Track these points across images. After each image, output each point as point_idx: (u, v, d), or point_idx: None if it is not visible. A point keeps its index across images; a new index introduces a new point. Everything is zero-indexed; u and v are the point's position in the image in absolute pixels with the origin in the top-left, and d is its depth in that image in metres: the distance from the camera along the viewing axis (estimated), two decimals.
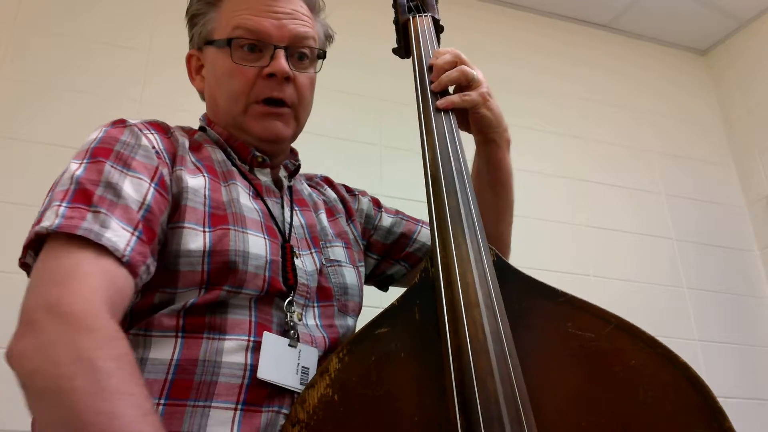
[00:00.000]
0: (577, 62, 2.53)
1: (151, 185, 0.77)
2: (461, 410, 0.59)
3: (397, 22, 1.14)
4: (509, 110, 1.03)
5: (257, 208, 0.87)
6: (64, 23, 1.86)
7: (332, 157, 1.91)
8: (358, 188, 1.14)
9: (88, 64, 1.83)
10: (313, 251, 0.91)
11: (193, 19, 0.98)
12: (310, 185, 1.07)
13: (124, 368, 0.59)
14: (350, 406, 0.64)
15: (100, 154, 0.77)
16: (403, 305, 0.70)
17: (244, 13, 0.91)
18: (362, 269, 1.01)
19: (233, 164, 0.92)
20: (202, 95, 1.01)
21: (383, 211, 1.12)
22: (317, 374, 0.66)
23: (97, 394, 0.56)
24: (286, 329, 0.80)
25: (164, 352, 0.73)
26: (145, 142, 0.81)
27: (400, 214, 1.13)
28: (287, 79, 0.91)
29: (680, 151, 2.51)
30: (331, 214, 1.03)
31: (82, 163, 0.76)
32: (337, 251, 0.95)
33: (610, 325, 0.67)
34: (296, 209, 0.96)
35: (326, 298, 0.89)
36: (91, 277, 0.65)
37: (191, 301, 0.75)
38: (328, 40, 1.04)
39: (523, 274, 0.74)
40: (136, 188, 0.75)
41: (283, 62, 0.90)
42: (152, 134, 0.84)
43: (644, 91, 2.58)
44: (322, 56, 0.98)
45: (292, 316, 0.81)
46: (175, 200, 0.80)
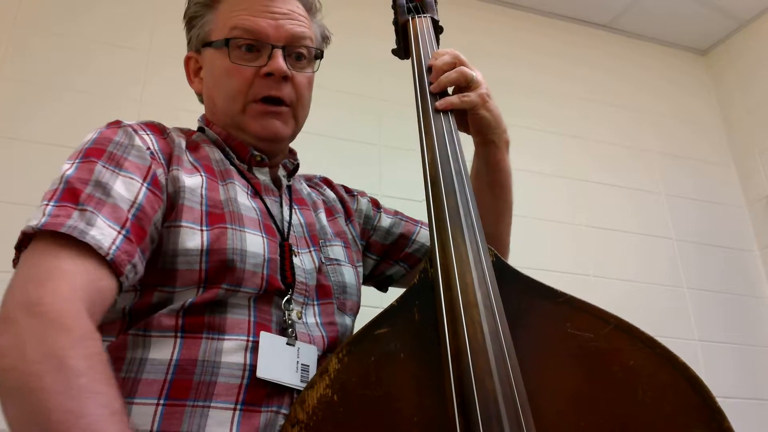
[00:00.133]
0: (577, 62, 2.52)
1: (143, 185, 0.77)
2: (460, 410, 0.59)
3: (396, 23, 1.14)
4: (509, 110, 1.03)
5: (255, 206, 0.87)
6: (64, 23, 1.86)
7: (332, 157, 1.91)
8: (357, 189, 1.14)
9: (88, 64, 1.82)
10: (312, 250, 0.91)
11: (190, 21, 0.98)
12: (309, 185, 1.07)
13: (94, 367, 0.59)
14: (350, 406, 0.64)
15: (92, 154, 0.77)
16: (402, 306, 0.71)
17: (241, 13, 0.91)
18: (360, 269, 1.01)
19: (231, 163, 0.92)
20: (200, 97, 1.01)
21: (382, 211, 1.12)
22: (317, 374, 0.66)
23: (65, 392, 0.56)
24: (284, 327, 0.80)
25: (164, 352, 0.73)
26: (138, 142, 0.81)
27: (399, 214, 1.13)
28: (285, 78, 0.91)
29: (680, 151, 2.51)
30: (330, 213, 1.04)
31: (73, 163, 0.76)
32: (336, 250, 0.96)
33: (609, 325, 0.67)
34: (295, 208, 0.96)
35: (326, 296, 0.89)
36: (71, 275, 0.65)
37: (190, 300, 0.75)
38: (325, 40, 1.04)
39: (522, 274, 0.74)
40: (127, 188, 0.75)
41: (280, 61, 0.90)
42: (147, 135, 0.84)
43: (644, 91, 2.58)
44: (319, 56, 0.99)
45: (290, 314, 0.81)
46: (171, 200, 0.80)
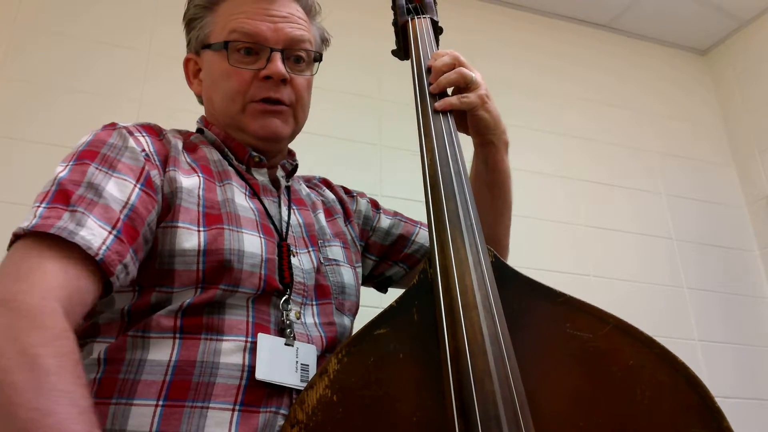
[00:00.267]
0: (577, 62, 2.52)
1: (136, 186, 0.77)
2: (459, 411, 0.59)
3: (396, 23, 1.14)
4: (509, 111, 1.03)
5: (253, 207, 0.87)
6: (64, 23, 1.86)
7: (332, 157, 1.91)
8: (356, 190, 1.14)
9: (88, 64, 1.82)
10: (310, 250, 0.91)
11: (190, 23, 0.99)
12: (308, 186, 1.07)
13: (65, 366, 0.59)
14: (349, 406, 0.64)
15: (86, 156, 0.77)
16: (401, 306, 0.71)
17: (240, 16, 0.91)
18: (359, 270, 1.01)
19: (230, 164, 0.92)
20: (200, 99, 1.02)
21: (381, 212, 1.12)
22: (316, 375, 0.66)
23: (34, 390, 0.56)
24: (282, 328, 0.80)
25: (162, 353, 0.73)
26: (132, 144, 0.81)
27: (398, 215, 1.13)
28: (284, 81, 0.91)
29: (680, 151, 2.51)
30: (329, 214, 1.04)
31: (67, 165, 0.76)
32: (335, 251, 0.96)
33: (608, 325, 0.67)
34: (294, 208, 0.96)
35: (324, 296, 0.89)
36: (51, 274, 0.65)
37: (188, 301, 0.75)
38: (324, 43, 1.04)
39: (521, 275, 0.74)
40: (120, 189, 0.75)
41: (279, 64, 0.90)
42: (142, 136, 0.84)
43: (644, 91, 2.58)
44: (318, 59, 0.99)
45: (288, 314, 0.81)
46: (168, 200, 0.80)
